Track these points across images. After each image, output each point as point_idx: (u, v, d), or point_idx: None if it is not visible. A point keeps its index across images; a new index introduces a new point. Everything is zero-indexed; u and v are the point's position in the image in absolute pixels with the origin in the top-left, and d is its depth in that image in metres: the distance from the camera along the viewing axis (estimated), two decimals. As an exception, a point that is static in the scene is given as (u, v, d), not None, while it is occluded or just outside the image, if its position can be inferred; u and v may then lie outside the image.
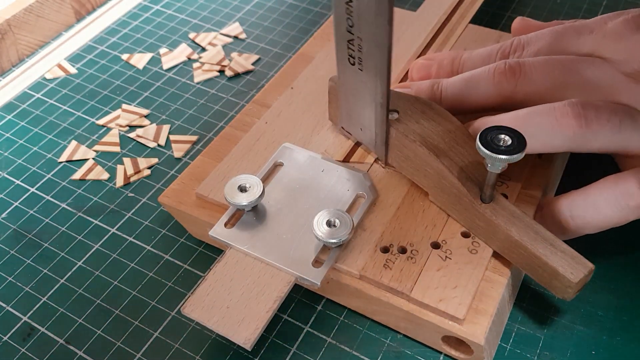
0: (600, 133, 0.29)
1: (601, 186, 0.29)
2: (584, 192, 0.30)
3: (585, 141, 0.29)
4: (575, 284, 0.26)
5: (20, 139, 0.42)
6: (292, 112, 0.37)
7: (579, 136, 0.29)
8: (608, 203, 0.29)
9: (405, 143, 0.31)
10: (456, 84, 0.33)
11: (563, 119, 0.29)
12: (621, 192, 0.29)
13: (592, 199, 0.29)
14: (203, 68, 0.46)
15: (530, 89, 0.31)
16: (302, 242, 0.30)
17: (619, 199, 0.29)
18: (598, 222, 0.29)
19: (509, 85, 0.31)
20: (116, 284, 0.33)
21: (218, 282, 0.29)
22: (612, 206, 0.29)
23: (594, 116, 0.29)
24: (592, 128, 0.28)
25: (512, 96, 0.31)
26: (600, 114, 0.29)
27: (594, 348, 0.30)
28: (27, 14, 0.47)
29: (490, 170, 0.27)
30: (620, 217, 0.29)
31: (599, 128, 0.29)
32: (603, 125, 0.29)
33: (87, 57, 0.48)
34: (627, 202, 0.29)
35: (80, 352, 0.30)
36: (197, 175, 0.34)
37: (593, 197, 0.29)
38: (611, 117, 0.29)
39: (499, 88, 0.32)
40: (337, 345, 0.30)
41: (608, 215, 0.29)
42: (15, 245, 0.35)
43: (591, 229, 0.30)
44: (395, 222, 0.31)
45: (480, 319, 0.27)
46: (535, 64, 0.31)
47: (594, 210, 0.29)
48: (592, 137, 0.29)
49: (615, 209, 0.29)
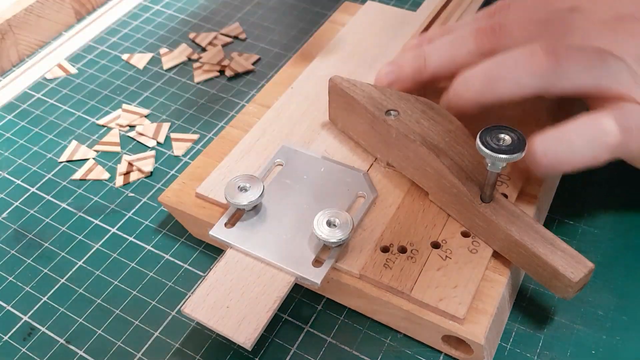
0: (570, 71, 0.29)
1: (577, 122, 0.29)
2: (560, 128, 0.29)
3: (555, 79, 0.29)
4: (575, 283, 0.26)
5: (20, 139, 0.42)
6: (292, 112, 0.37)
7: (549, 74, 0.29)
8: (583, 140, 0.28)
9: (406, 143, 0.31)
10: (439, 49, 0.33)
11: (533, 56, 0.29)
12: (597, 130, 0.28)
13: (567, 135, 0.28)
14: (203, 68, 0.46)
15: (510, 44, 0.31)
16: (302, 242, 0.30)
17: (594, 136, 0.28)
18: (571, 159, 0.28)
19: (489, 41, 0.32)
20: (116, 283, 0.33)
21: (218, 282, 0.29)
22: (587, 143, 0.28)
23: (564, 54, 0.29)
24: (561, 65, 0.28)
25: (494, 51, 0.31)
26: (570, 53, 0.29)
27: (594, 348, 0.30)
28: (27, 14, 0.47)
29: (490, 169, 0.27)
30: (593, 155, 0.28)
31: (568, 65, 0.29)
32: (573, 62, 0.29)
33: (87, 57, 0.48)
34: (603, 140, 0.28)
35: (80, 351, 0.30)
36: (197, 175, 0.34)
37: (568, 133, 0.28)
38: (581, 55, 0.29)
39: (480, 47, 0.32)
40: (337, 345, 0.30)
41: (581, 152, 0.28)
42: (16, 245, 0.35)
43: (564, 167, 0.29)
44: (395, 221, 0.31)
45: (480, 318, 0.27)
46: (515, 21, 0.32)
47: (567, 147, 0.28)
48: (562, 75, 0.29)
49: (589, 146, 0.28)
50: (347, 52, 0.41)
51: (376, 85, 0.34)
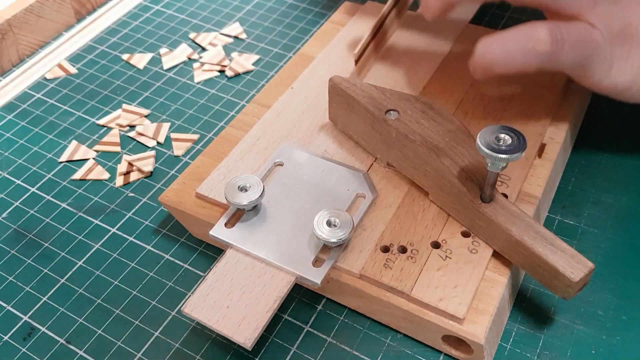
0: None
1: (515, 29, 0.31)
2: (500, 32, 0.31)
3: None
4: (575, 283, 0.26)
5: (20, 139, 0.42)
6: (292, 112, 0.37)
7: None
8: (517, 45, 0.30)
9: (406, 143, 0.31)
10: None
11: None
12: (531, 36, 0.30)
13: (505, 39, 0.31)
14: (203, 68, 0.46)
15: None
16: (303, 242, 0.30)
17: (528, 41, 0.30)
18: (504, 62, 0.31)
19: None
20: (116, 283, 0.33)
21: (218, 282, 0.29)
22: (520, 48, 0.30)
23: None
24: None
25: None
26: None
27: (593, 347, 0.30)
28: (27, 14, 0.47)
29: (490, 169, 0.27)
30: (524, 61, 0.30)
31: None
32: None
33: (87, 57, 0.48)
34: (534, 47, 0.30)
35: (80, 351, 0.30)
36: (198, 175, 0.34)
37: (505, 37, 0.31)
38: None
39: None
40: (337, 345, 0.30)
41: (514, 56, 0.30)
42: (16, 245, 0.35)
43: (497, 68, 0.31)
44: (395, 221, 0.31)
45: (480, 318, 0.27)
46: None
47: (502, 49, 0.30)
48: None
49: (521, 52, 0.30)
50: (347, 52, 0.41)
51: (376, 85, 0.34)
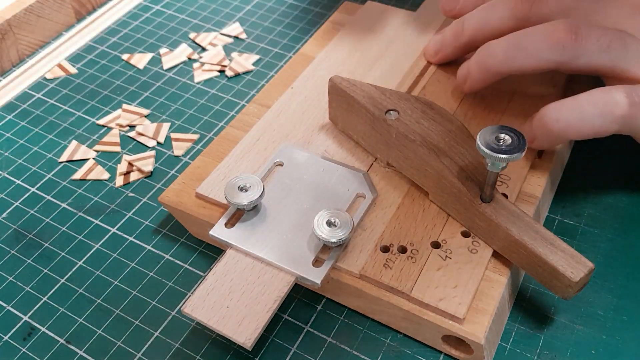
0: (588, 49, 0.30)
1: (591, 92, 0.30)
2: (574, 97, 0.31)
3: (573, 55, 0.30)
4: (575, 283, 0.26)
5: (20, 139, 0.42)
6: (292, 112, 0.37)
7: (568, 50, 0.30)
8: (594, 108, 0.30)
9: (405, 143, 0.31)
10: (476, 14, 0.35)
11: (555, 32, 0.30)
12: (608, 100, 0.30)
13: (579, 102, 0.30)
14: (203, 68, 0.46)
15: (544, 12, 0.33)
16: (303, 242, 0.30)
17: (605, 105, 0.30)
18: (581, 126, 0.30)
19: (523, 8, 0.33)
20: (116, 283, 0.33)
21: (218, 282, 0.29)
22: (597, 112, 0.30)
23: (585, 32, 0.30)
24: (581, 43, 0.30)
25: (527, 19, 0.33)
26: (591, 31, 0.30)
27: (593, 347, 0.30)
28: (27, 14, 0.47)
29: (490, 169, 0.27)
30: (602, 124, 0.30)
31: (587, 44, 0.30)
32: (592, 42, 0.30)
33: (87, 57, 0.48)
34: (612, 110, 0.30)
35: (80, 351, 0.30)
36: (198, 175, 0.34)
37: (580, 101, 0.30)
38: (602, 36, 0.30)
39: (514, 11, 0.33)
40: (337, 345, 0.30)
41: (591, 120, 0.30)
42: (16, 245, 0.35)
43: (573, 133, 0.31)
44: (395, 221, 0.31)
45: (480, 318, 0.27)
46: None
47: (579, 114, 0.30)
48: (581, 52, 0.30)
49: (599, 115, 0.30)
50: (347, 52, 0.41)
51: (376, 85, 0.34)
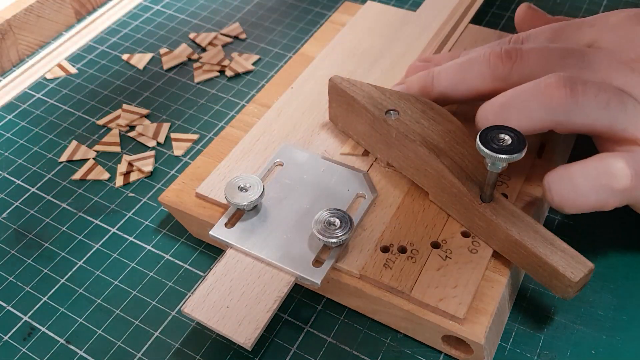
0: (585, 107, 0.27)
1: (585, 164, 0.28)
2: (568, 167, 0.28)
3: (569, 114, 0.28)
4: (575, 283, 0.26)
5: (20, 139, 0.42)
6: (292, 112, 0.37)
7: (564, 108, 0.27)
8: (589, 183, 0.27)
9: (405, 143, 0.31)
10: (449, 69, 0.32)
11: (548, 89, 0.27)
12: (605, 171, 0.27)
13: (574, 177, 0.27)
14: (203, 68, 0.46)
15: (526, 72, 0.30)
16: (303, 242, 0.30)
17: (601, 178, 0.27)
18: (574, 200, 0.27)
19: (504, 69, 0.30)
20: (116, 283, 0.33)
21: (218, 282, 0.29)
22: (593, 187, 0.27)
23: (581, 89, 0.27)
24: (577, 100, 0.27)
25: (507, 79, 0.30)
26: (588, 89, 0.28)
27: (593, 348, 0.30)
28: (27, 14, 0.47)
29: (490, 169, 0.27)
30: (598, 199, 0.27)
31: (584, 101, 0.27)
32: (589, 99, 0.27)
33: (87, 57, 0.48)
34: (609, 183, 0.27)
35: (80, 351, 0.30)
36: (198, 175, 0.34)
37: (574, 175, 0.27)
38: (599, 93, 0.28)
39: (494, 71, 0.31)
40: (337, 345, 0.30)
41: (587, 196, 0.27)
42: (16, 245, 0.35)
43: (569, 207, 0.28)
44: (395, 221, 0.31)
45: (480, 318, 0.27)
46: (533, 49, 0.30)
47: (573, 189, 0.27)
48: (577, 111, 0.27)
49: (595, 190, 0.27)
50: (347, 52, 0.41)
51: (376, 85, 0.34)
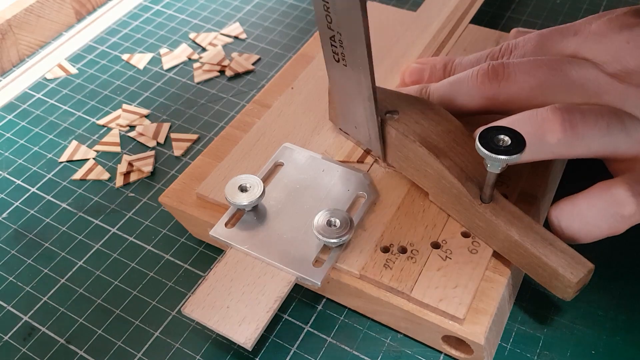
0: (587, 137, 0.27)
1: (589, 194, 0.28)
2: (571, 200, 0.28)
3: (572, 147, 0.28)
4: (575, 283, 0.26)
5: (20, 139, 0.42)
6: (292, 112, 0.37)
7: (565, 142, 0.27)
8: (596, 212, 0.27)
9: (405, 143, 0.31)
10: (442, 88, 0.33)
11: (546, 124, 0.27)
12: (611, 200, 0.27)
13: (579, 208, 0.28)
14: (203, 68, 0.46)
15: (513, 90, 0.30)
16: (303, 242, 0.30)
17: (608, 207, 0.27)
18: (587, 232, 0.28)
19: (491, 87, 0.31)
20: (117, 283, 0.33)
21: (218, 282, 0.29)
22: (601, 215, 0.27)
23: (580, 120, 0.27)
24: (577, 132, 0.27)
25: (495, 98, 0.31)
26: (587, 118, 0.27)
27: (593, 348, 0.30)
28: (27, 14, 0.47)
29: (489, 170, 0.27)
30: (610, 227, 0.27)
31: (585, 132, 0.27)
32: (590, 128, 0.27)
33: (87, 57, 0.48)
34: (617, 211, 0.27)
35: (80, 351, 0.30)
36: (198, 175, 0.34)
37: (580, 205, 0.28)
38: (598, 120, 0.27)
39: (482, 90, 0.31)
40: (337, 345, 0.30)
41: (597, 225, 0.27)
42: (16, 245, 0.35)
43: (583, 239, 0.28)
44: (396, 222, 0.31)
45: (480, 318, 0.27)
46: (519, 65, 0.30)
47: (580, 220, 0.27)
48: (579, 142, 0.28)
49: (604, 218, 0.27)
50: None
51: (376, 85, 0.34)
